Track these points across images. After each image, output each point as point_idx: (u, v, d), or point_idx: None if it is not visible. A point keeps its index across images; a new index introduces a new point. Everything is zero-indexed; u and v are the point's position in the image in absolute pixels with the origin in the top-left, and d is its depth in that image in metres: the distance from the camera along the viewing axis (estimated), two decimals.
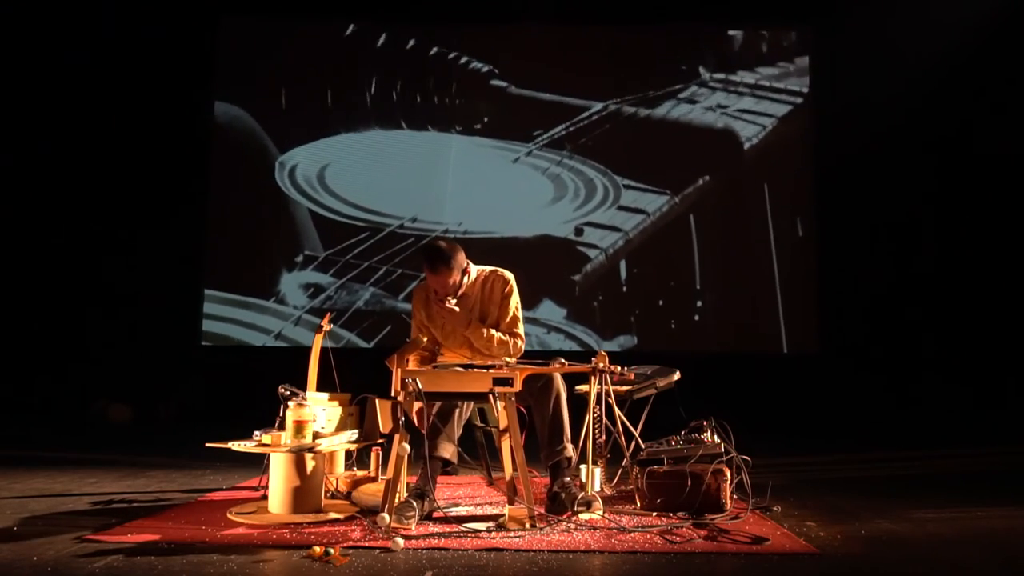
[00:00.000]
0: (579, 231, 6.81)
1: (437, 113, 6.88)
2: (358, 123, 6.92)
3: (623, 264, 6.81)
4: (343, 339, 6.59)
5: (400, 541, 2.43)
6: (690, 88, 7.12)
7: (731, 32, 7.32)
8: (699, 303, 6.79)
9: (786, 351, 7.17)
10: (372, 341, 6.61)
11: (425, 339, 3.32)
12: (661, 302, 6.78)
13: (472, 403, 3.18)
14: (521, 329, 3.27)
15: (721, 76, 7.22)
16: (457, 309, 3.14)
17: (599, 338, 6.77)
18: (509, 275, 3.30)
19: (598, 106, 6.96)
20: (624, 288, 6.81)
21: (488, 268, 3.31)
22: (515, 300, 3.26)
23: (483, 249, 6.22)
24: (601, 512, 2.84)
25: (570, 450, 3.03)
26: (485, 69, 6.80)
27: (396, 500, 2.73)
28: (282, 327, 6.73)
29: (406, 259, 6.57)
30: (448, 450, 3.02)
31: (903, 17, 6.87)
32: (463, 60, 6.77)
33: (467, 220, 6.76)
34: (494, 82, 6.83)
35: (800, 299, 7.19)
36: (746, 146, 7.21)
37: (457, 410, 3.06)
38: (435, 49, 6.77)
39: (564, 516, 2.83)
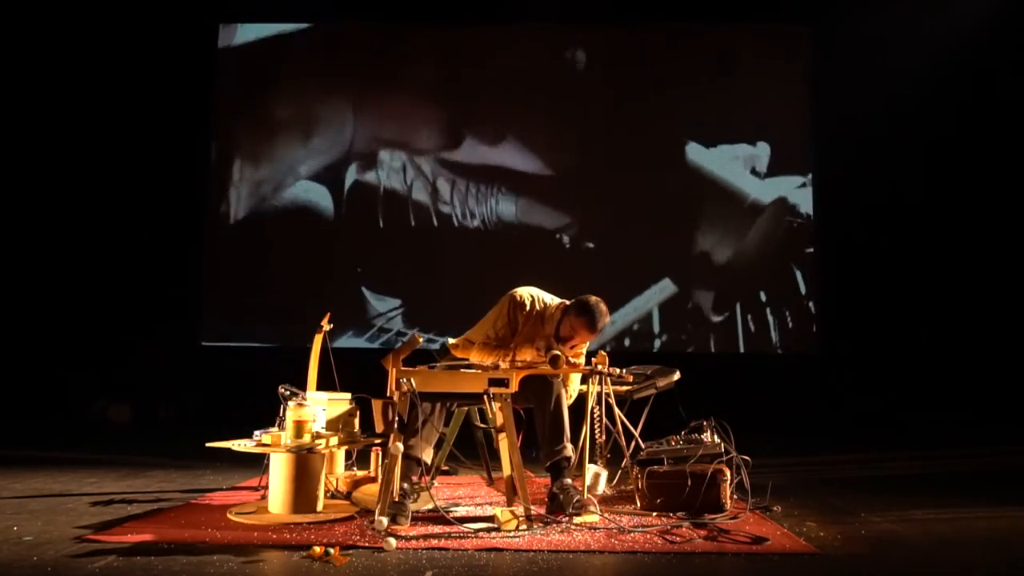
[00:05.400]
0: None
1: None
2: None
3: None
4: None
5: (392, 541, 2.43)
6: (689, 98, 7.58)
7: (727, 35, 7.58)
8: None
9: (785, 351, 7.23)
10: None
11: (420, 339, 3.30)
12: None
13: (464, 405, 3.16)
14: (581, 359, 3.38)
15: (717, 82, 7.53)
16: (579, 362, 3.30)
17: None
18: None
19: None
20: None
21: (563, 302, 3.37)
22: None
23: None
24: (597, 518, 2.82)
25: (569, 450, 3.03)
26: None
27: (389, 500, 2.72)
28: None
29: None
30: (426, 452, 3.00)
31: (903, 17, 6.87)
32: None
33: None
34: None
35: (799, 299, 7.29)
36: (748, 148, 7.50)
37: (435, 411, 3.02)
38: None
39: (562, 518, 2.81)
